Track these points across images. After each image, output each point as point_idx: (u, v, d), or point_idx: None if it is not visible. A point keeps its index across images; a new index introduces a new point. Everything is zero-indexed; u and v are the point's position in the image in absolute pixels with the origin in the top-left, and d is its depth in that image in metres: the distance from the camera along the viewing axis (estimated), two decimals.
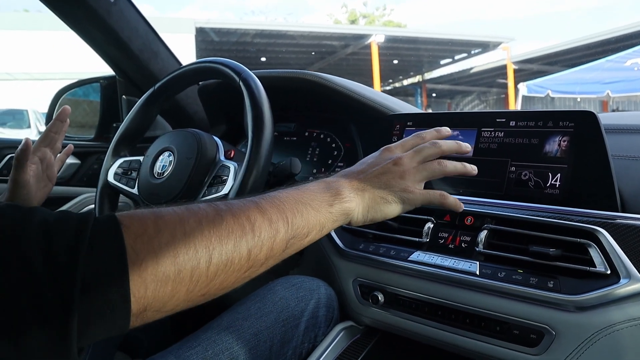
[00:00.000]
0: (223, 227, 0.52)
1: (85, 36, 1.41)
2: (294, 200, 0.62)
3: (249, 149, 0.90)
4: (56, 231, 0.42)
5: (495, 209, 0.85)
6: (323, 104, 1.23)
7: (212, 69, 1.05)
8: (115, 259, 0.43)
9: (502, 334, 0.79)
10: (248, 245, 0.54)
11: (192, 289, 0.49)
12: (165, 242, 0.47)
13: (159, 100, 1.17)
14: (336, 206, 0.66)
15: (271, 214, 0.57)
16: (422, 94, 23.36)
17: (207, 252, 0.50)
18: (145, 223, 0.47)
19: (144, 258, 0.45)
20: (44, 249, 0.41)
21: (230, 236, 0.52)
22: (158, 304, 0.47)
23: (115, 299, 0.43)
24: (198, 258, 0.49)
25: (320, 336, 0.95)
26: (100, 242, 0.43)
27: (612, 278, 0.70)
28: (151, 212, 0.50)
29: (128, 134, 1.18)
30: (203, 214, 0.52)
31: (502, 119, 0.92)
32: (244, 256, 0.53)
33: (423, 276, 0.87)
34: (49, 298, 0.39)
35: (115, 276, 0.43)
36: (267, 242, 0.56)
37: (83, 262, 0.41)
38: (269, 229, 0.56)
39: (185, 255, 0.48)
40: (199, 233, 0.50)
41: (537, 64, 17.63)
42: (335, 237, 1.00)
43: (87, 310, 0.41)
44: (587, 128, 0.81)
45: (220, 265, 0.51)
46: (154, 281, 0.45)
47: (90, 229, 0.43)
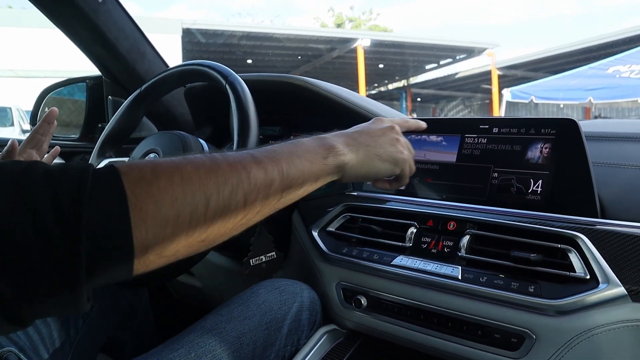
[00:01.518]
0: (220, 173, 0.53)
1: (72, 35, 1.40)
2: (289, 152, 0.63)
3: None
4: (59, 180, 0.44)
5: (477, 215, 0.87)
6: (308, 108, 1.23)
7: (199, 71, 1.05)
8: (116, 203, 0.44)
9: (484, 337, 0.80)
10: (244, 192, 0.55)
11: (191, 234, 0.51)
12: (164, 186, 0.48)
13: (145, 101, 1.17)
14: (330, 159, 0.68)
15: (266, 164, 0.59)
16: (407, 98, 23.48)
17: (205, 196, 0.51)
18: (143, 170, 0.48)
19: (144, 202, 0.46)
20: (48, 197, 0.42)
21: (227, 182, 0.53)
22: (159, 247, 0.48)
23: (119, 240, 0.44)
24: (196, 202, 0.50)
25: (303, 339, 0.95)
26: (101, 188, 0.44)
27: (592, 283, 0.71)
28: (149, 161, 0.51)
29: (114, 134, 1.18)
30: (200, 162, 0.53)
31: (485, 126, 0.93)
32: (240, 202, 0.55)
33: (406, 280, 0.88)
34: (57, 243, 0.41)
35: (118, 219, 0.44)
36: (262, 190, 0.57)
37: (86, 207, 0.42)
38: (265, 178, 0.58)
39: (183, 199, 0.49)
40: (196, 179, 0.51)
41: (521, 70, 17.84)
42: (319, 241, 1.01)
43: (93, 253, 0.42)
44: (569, 135, 0.83)
45: (217, 210, 0.52)
46: (154, 224, 0.46)
47: (91, 177, 0.44)
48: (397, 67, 21.83)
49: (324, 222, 1.03)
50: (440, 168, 0.96)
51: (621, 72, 8.71)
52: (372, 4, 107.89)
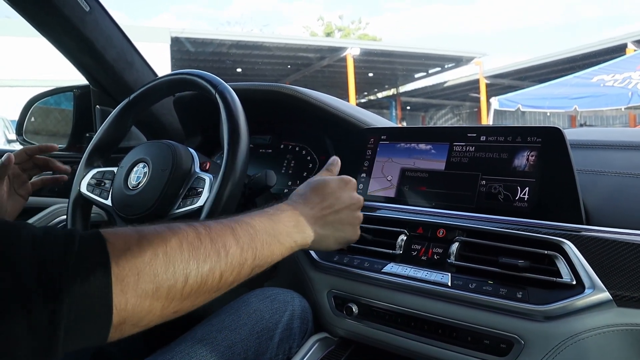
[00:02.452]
0: (201, 250, 0.56)
1: (58, 44, 1.39)
2: (265, 232, 0.68)
3: (225, 161, 0.90)
4: (45, 245, 0.45)
5: (466, 222, 0.88)
6: (299, 117, 1.24)
7: (189, 80, 1.05)
8: (100, 273, 0.46)
9: (473, 343, 0.80)
10: (221, 269, 0.58)
11: (167, 306, 0.52)
12: (147, 260, 0.50)
13: (134, 111, 1.16)
14: (299, 241, 0.75)
15: (243, 243, 0.63)
16: (396, 106, 23.59)
17: (185, 272, 0.53)
18: (129, 240, 0.50)
19: (127, 274, 0.48)
20: (34, 262, 0.43)
21: (207, 260, 0.56)
22: (135, 318, 0.49)
23: (99, 309, 0.45)
24: (176, 278, 0.52)
25: (295, 348, 0.95)
26: (87, 257, 0.46)
27: (578, 288, 0.72)
28: (135, 230, 0.52)
29: (102, 144, 1.17)
30: (184, 235, 0.56)
31: (473, 134, 0.94)
32: (216, 278, 0.58)
33: (396, 287, 0.88)
34: (38, 307, 0.42)
35: (100, 288, 0.45)
36: (236, 268, 0.61)
37: (71, 274, 0.43)
38: (240, 257, 0.62)
39: (164, 274, 0.51)
40: (179, 254, 0.53)
41: (508, 79, 18.00)
42: None
43: (73, 319, 0.43)
44: (554, 143, 0.84)
45: (194, 285, 0.55)
46: (134, 296, 0.48)
47: (77, 243, 0.46)
48: (386, 76, 21.92)
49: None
50: (429, 176, 0.97)
51: (605, 81, 8.80)
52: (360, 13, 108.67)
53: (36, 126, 1.81)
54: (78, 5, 1.28)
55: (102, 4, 1.35)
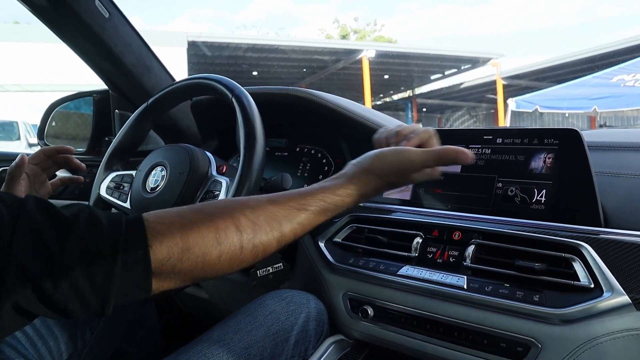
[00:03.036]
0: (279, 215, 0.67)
1: (78, 50, 1.42)
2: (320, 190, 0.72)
3: (241, 165, 0.91)
4: (102, 226, 0.53)
5: (482, 224, 0.87)
6: (314, 120, 1.25)
7: (206, 85, 1.06)
8: (141, 253, 0.54)
9: (490, 347, 0.80)
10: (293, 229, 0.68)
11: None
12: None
13: (152, 115, 1.18)
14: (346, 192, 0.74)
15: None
16: (412, 108, 23.49)
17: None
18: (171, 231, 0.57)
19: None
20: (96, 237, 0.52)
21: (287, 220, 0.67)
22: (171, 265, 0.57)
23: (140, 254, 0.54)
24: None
25: (310, 350, 0.95)
26: (133, 239, 0.54)
27: (596, 292, 0.71)
28: (177, 215, 0.61)
29: (121, 148, 1.19)
30: (248, 206, 0.65)
31: (489, 136, 0.94)
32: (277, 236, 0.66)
33: (412, 290, 0.88)
34: (98, 271, 0.51)
35: (141, 252, 0.54)
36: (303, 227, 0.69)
37: (122, 249, 0.53)
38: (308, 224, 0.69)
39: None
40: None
41: (525, 80, 17.81)
42: (325, 251, 1.01)
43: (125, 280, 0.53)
44: (571, 145, 0.83)
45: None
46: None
47: (124, 227, 0.54)
48: (402, 78, 21.85)
49: (330, 232, 1.04)
50: (445, 178, 0.97)
51: (626, 81, 8.69)
52: (375, 14, 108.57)
53: (57, 130, 1.84)
54: (98, 12, 1.30)
55: (121, 11, 1.38)
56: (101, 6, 1.31)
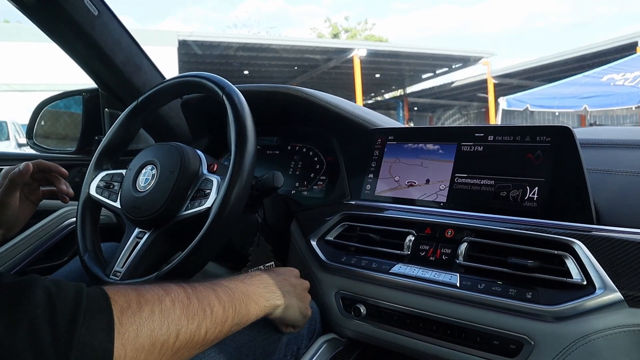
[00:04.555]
0: (190, 308, 0.63)
1: (67, 48, 1.40)
2: (241, 292, 0.74)
3: (232, 163, 0.90)
4: (58, 302, 0.50)
5: (475, 222, 0.87)
6: (306, 118, 1.24)
7: (196, 82, 1.05)
8: (105, 328, 0.51)
9: (483, 344, 0.80)
10: (206, 326, 0.64)
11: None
12: (145, 317, 0.56)
13: (142, 113, 1.17)
14: (271, 301, 0.79)
15: (224, 302, 0.69)
16: (403, 107, 23.53)
17: (177, 329, 0.59)
18: (129, 298, 0.56)
19: (127, 329, 0.53)
20: (49, 319, 0.48)
21: (195, 317, 0.62)
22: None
23: (103, 358, 0.50)
24: (169, 333, 0.58)
25: (303, 349, 0.95)
26: (94, 313, 0.51)
27: (588, 288, 0.71)
28: (133, 289, 0.58)
29: (110, 147, 1.17)
30: (176, 295, 0.62)
31: (481, 134, 0.94)
32: (201, 335, 0.63)
33: (404, 288, 0.88)
34: (51, 355, 0.47)
35: (104, 342, 0.51)
36: (219, 325, 0.66)
37: (81, 328, 0.49)
38: (222, 315, 0.67)
39: (159, 330, 0.57)
40: (172, 311, 0.60)
41: (516, 79, 17.89)
42: (317, 250, 1.01)
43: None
44: (563, 143, 0.83)
45: (184, 341, 0.60)
46: (132, 349, 0.53)
47: (84, 301, 0.51)
48: (393, 77, 21.86)
49: (322, 231, 1.04)
50: (437, 176, 0.97)
51: (615, 80, 8.73)
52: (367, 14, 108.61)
53: (46, 130, 1.82)
54: (87, 10, 1.29)
55: (110, 9, 1.36)
56: (90, 4, 1.29)
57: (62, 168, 1.11)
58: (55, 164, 1.10)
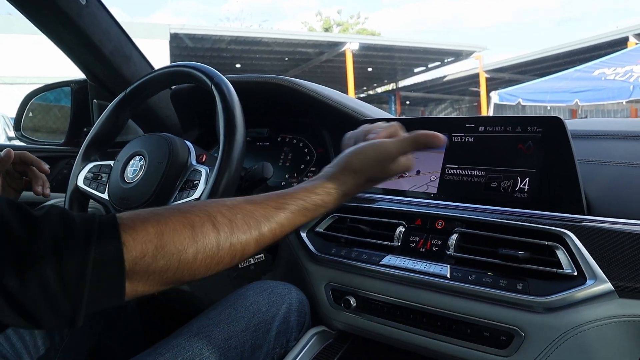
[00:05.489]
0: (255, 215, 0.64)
1: (56, 39, 1.38)
2: (299, 190, 0.70)
3: (221, 153, 0.89)
4: (75, 223, 0.51)
5: (465, 213, 0.87)
6: (296, 109, 1.23)
7: (185, 72, 1.04)
8: (114, 250, 0.51)
9: (473, 336, 0.79)
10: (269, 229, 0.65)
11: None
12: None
13: (130, 104, 1.15)
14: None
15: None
16: (396, 101, 23.52)
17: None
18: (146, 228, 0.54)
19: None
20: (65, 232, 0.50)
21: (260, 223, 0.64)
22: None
23: (114, 265, 0.51)
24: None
25: (292, 341, 0.94)
26: (106, 236, 0.51)
27: (579, 279, 0.71)
28: (151, 212, 0.57)
29: (99, 138, 1.16)
30: (214, 211, 0.61)
31: (472, 124, 0.93)
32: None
33: (394, 280, 0.87)
34: (69, 267, 0.48)
35: (115, 248, 0.51)
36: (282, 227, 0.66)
37: (94, 245, 0.50)
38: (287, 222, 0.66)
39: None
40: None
41: (508, 73, 17.92)
42: (307, 241, 1.00)
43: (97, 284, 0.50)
44: (554, 133, 0.83)
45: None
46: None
47: (97, 225, 0.52)
48: (385, 71, 21.85)
49: (312, 222, 1.03)
50: (428, 167, 0.96)
51: (607, 75, 8.77)
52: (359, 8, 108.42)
53: (35, 122, 1.79)
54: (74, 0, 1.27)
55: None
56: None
57: (44, 164, 1.08)
58: (37, 159, 1.07)
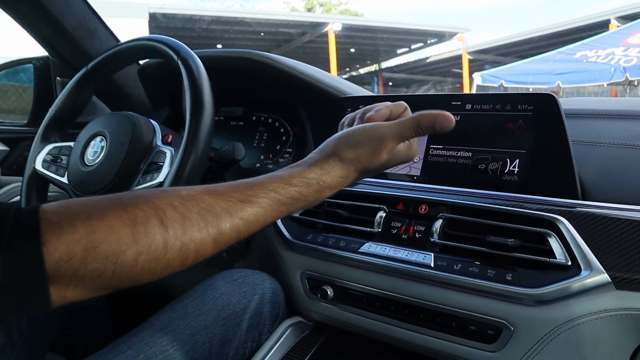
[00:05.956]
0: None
1: (13, 13, 1.29)
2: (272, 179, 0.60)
3: (186, 133, 0.82)
4: None
5: (450, 197, 0.81)
6: (271, 87, 1.15)
7: (149, 47, 0.97)
8: (31, 250, 0.43)
9: (458, 329, 0.74)
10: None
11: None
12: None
13: (92, 81, 1.08)
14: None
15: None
16: (378, 82, 23.43)
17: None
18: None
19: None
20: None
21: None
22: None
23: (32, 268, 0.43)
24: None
25: (265, 334, 0.88)
26: (22, 233, 0.43)
27: (573, 270, 0.66)
28: (85, 204, 0.48)
29: (59, 117, 1.08)
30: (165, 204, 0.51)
31: (458, 102, 0.87)
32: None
33: (374, 269, 0.82)
34: None
35: (32, 248, 0.43)
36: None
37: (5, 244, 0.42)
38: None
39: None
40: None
41: (491, 55, 17.94)
42: (282, 227, 0.94)
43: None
44: (547, 111, 0.77)
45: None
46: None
47: (11, 220, 0.44)
48: (368, 52, 21.71)
49: None
50: None
51: (588, 57, 8.80)
52: None
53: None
54: None
55: None
56: None
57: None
58: None
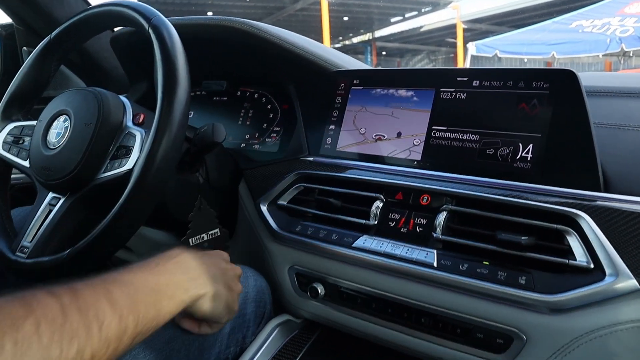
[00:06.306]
0: (67, 329, 0.44)
1: None
2: (149, 288, 0.56)
3: (158, 113, 0.73)
4: None
5: (455, 186, 0.72)
6: (256, 59, 1.05)
7: (117, 13, 0.86)
8: None
9: (463, 337, 0.67)
10: (93, 349, 0.45)
11: None
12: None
13: (58, 51, 0.97)
14: (191, 292, 0.61)
15: (122, 309, 0.50)
16: (372, 52, 23.17)
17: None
18: None
19: None
20: None
21: (73, 340, 0.44)
22: None
23: None
24: None
25: (250, 337, 0.81)
26: None
27: (596, 274, 0.58)
28: None
29: (20, 93, 0.98)
30: (43, 312, 0.43)
31: (464, 78, 0.77)
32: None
33: (370, 266, 0.74)
34: None
35: None
36: (113, 343, 0.48)
37: None
38: (117, 328, 0.49)
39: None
40: (35, 340, 0.41)
41: (485, 24, 17.77)
42: (268, 216, 0.85)
43: None
44: (565, 90, 0.68)
45: None
46: None
47: None
48: (362, 20, 21.43)
49: (274, 194, 0.88)
50: (411, 129, 0.81)
51: (584, 27, 8.71)
52: None
53: None
54: None
55: None
56: None
57: None
58: None
